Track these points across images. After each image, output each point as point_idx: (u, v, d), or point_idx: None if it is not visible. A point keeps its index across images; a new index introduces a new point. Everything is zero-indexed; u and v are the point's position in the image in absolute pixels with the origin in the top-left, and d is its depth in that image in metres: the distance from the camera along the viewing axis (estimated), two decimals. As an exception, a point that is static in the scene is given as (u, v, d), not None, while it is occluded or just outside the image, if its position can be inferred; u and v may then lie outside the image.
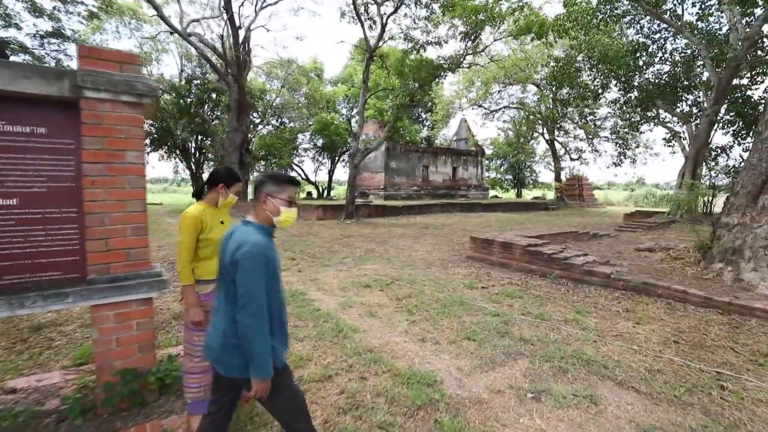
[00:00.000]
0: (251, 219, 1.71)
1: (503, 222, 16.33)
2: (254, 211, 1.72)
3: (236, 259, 1.53)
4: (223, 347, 1.62)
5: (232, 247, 1.59)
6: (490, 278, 6.27)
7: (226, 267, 1.61)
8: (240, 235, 1.61)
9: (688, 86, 13.66)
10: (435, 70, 16.17)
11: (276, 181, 1.71)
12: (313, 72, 34.91)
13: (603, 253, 7.61)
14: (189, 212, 2.27)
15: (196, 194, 2.42)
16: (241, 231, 1.65)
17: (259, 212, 1.70)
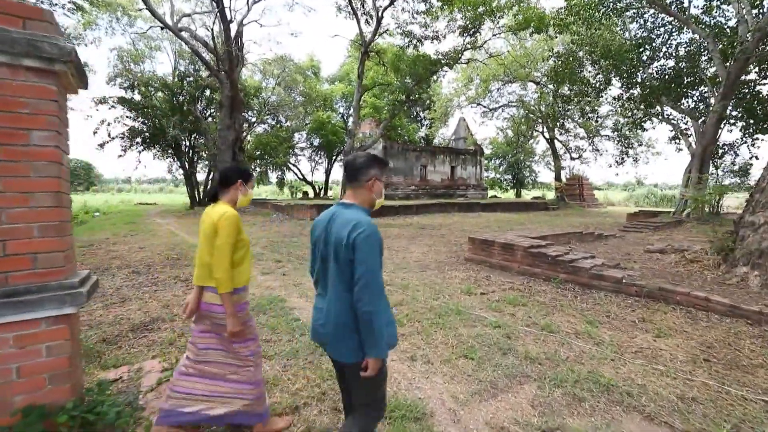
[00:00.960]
0: (350, 201, 1.71)
1: (503, 222, 15.83)
2: (354, 193, 1.72)
3: (354, 240, 1.54)
4: (336, 329, 1.62)
5: (341, 229, 1.59)
6: (489, 282, 5.77)
7: (335, 249, 1.60)
8: (348, 217, 1.61)
9: (693, 81, 13.18)
10: (432, 66, 15.73)
11: (381, 164, 1.75)
12: (310, 70, 34.40)
13: (610, 254, 7.12)
14: (230, 212, 2.02)
15: (212, 197, 2.16)
16: (346, 213, 1.65)
17: (362, 194, 1.71)
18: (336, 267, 1.61)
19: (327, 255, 1.66)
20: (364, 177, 1.70)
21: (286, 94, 28.98)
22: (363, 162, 1.72)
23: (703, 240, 9.33)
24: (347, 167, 1.74)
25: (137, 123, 22.53)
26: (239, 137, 20.34)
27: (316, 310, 1.75)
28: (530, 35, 19.10)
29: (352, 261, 1.55)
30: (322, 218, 1.74)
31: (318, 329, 1.71)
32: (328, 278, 1.67)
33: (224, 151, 19.53)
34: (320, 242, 1.70)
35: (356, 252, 1.53)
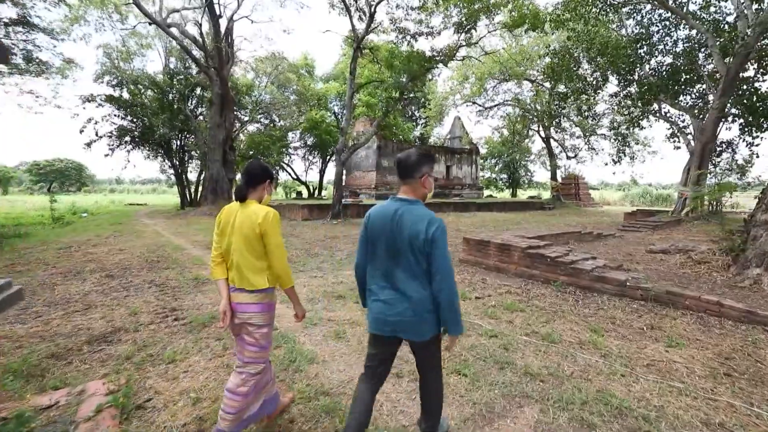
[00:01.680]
0: (409, 197, 1.80)
1: (499, 222, 15.54)
2: (410, 188, 1.80)
3: (432, 234, 1.67)
4: (417, 315, 1.74)
5: (416, 224, 1.69)
6: (485, 286, 5.43)
7: (410, 243, 1.70)
8: (419, 212, 1.73)
9: (691, 78, 12.93)
10: (427, 63, 15.38)
11: (430, 160, 1.83)
12: (304, 68, 33.98)
13: (611, 255, 6.81)
14: (272, 210, 2.01)
15: (243, 197, 2.05)
16: (414, 209, 1.75)
17: (417, 189, 1.81)
18: (413, 259, 1.71)
19: (399, 249, 1.73)
20: (418, 173, 1.78)
21: (280, 92, 28.55)
22: (416, 159, 1.78)
23: (705, 239, 9.07)
24: (401, 164, 1.81)
25: (126, 122, 22.03)
26: (230, 136, 19.89)
27: (382, 303, 1.80)
28: (525, 32, 18.81)
29: (428, 253, 1.68)
30: (381, 213, 1.81)
31: (389, 319, 1.78)
32: (399, 270, 1.75)
33: (214, 150, 19.08)
34: (385, 236, 1.77)
35: (435, 245, 1.67)
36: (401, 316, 1.75)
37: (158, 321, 3.95)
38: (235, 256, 1.96)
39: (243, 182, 2.07)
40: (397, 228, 1.73)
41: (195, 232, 11.83)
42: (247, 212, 1.97)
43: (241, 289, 1.96)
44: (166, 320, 3.98)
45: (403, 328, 1.77)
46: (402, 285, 1.75)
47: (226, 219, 2.02)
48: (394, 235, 1.74)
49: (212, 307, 4.39)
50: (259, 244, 1.95)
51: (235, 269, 1.96)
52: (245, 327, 1.99)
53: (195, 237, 10.80)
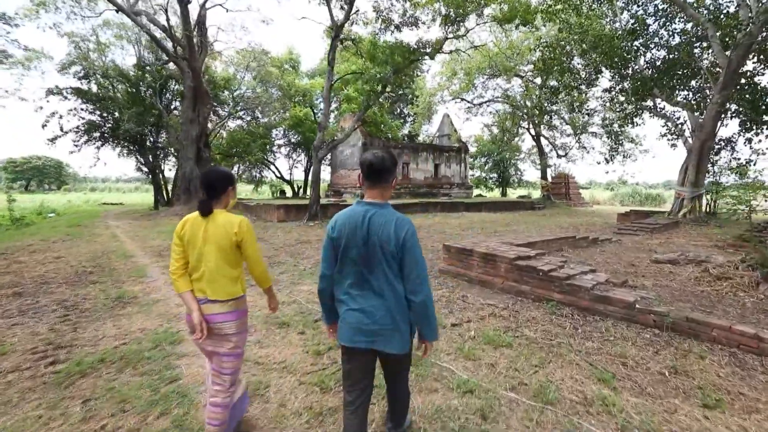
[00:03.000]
0: (378, 200, 1.74)
1: (487, 223, 14.71)
2: (381, 192, 1.75)
3: (404, 238, 1.64)
4: (393, 323, 1.67)
5: (386, 228, 1.65)
6: (465, 305, 4.53)
7: (382, 248, 1.65)
8: (389, 216, 1.69)
9: (688, 73, 12.24)
10: (411, 55, 14.47)
11: (396, 163, 1.79)
12: (289, 63, 32.84)
13: (611, 265, 5.98)
14: (244, 218, 2.01)
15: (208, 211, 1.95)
16: (384, 212, 1.70)
17: (386, 193, 1.77)
18: (387, 265, 1.65)
19: (371, 255, 1.67)
20: (391, 177, 1.75)
21: (262, 88, 27.38)
22: (390, 164, 1.74)
23: (709, 245, 8.32)
24: (373, 168, 1.72)
25: (95, 116, 20.70)
26: (204, 132, 18.73)
27: (359, 312, 1.71)
28: (516, 28, 18.04)
29: (401, 258, 1.65)
30: (349, 219, 1.72)
31: (363, 328, 1.70)
32: (373, 277, 1.68)
33: (187, 146, 17.91)
34: (355, 243, 1.69)
35: (407, 248, 1.64)
36: (380, 324, 1.68)
37: (26, 366, 2.96)
38: (207, 268, 1.93)
39: (204, 195, 1.99)
40: (367, 233, 1.67)
41: (155, 236, 10.75)
42: (220, 222, 1.95)
43: (214, 301, 1.94)
44: (39, 365, 2.99)
45: (382, 339, 1.70)
46: (379, 291, 1.69)
47: (192, 231, 1.94)
48: (365, 241, 1.68)
49: (114, 342, 3.41)
50: (234, 253, 1.96)
51: (206, 281, 1.93)
52: (221, 339, 1.97)
53: (152, 242, 9.74)
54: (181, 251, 1.96)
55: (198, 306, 1.92)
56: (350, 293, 1.73)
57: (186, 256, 1.95)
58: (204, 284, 1.92)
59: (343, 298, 1.75)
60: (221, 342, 1.97)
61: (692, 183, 11.77)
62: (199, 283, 1.93)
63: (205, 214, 1.95)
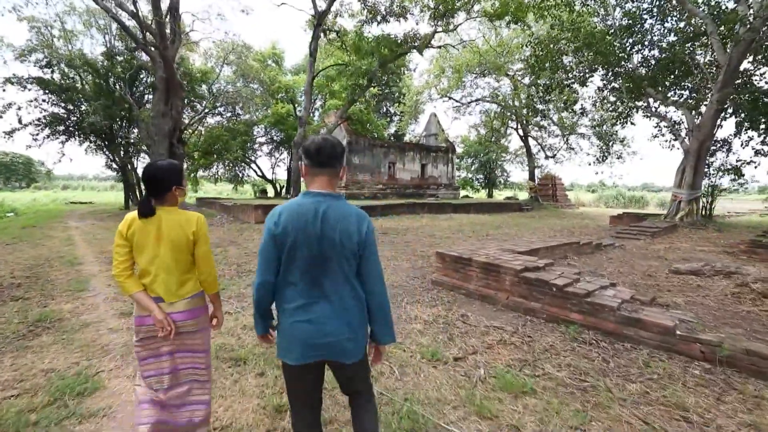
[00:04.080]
0: (326, 191, 1.52)
1: (477, 225, 14.07)
2: (328, 181, 1.54)
3: (365, 233, 1.50)
4: (351, 331, 1.50)
5: (346, 223, 1.47)
6: (467, 329, 3.77)
7: (341, 245, 1.46)
8: (347, 209, 1.51)
9: (686, 70, 11.85)
10: (399, 47, 13.72)
11: (344, 151, 1.63)
12: (272, 58, 31.72)
13: (627, 276, 5.32)
14: (201, 216, 1.91)
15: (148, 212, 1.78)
16: (340, 205, 1.51)
17: (334, 182, 1.57)
18: (346, 264, 1.48)
19: (327, 254, 1.46)
20: (340, 164, 1.57)
21: (243, 83, 26.19)
22: (342, 149, 1.56)
23: (717, 250, 7.81)
24: (323, 151, 1.51)
25: (59, 108, 19.22)
26: (178, 126, 17.51)
27: (308, 324, 1.48)
28: (507, 25, 17.52)
29: (361, 255, 1.50)
30: (298, 214, 1.47)
31: (316, 342, 1.47)
32: (328, 279, 1.48)
33: (159, 142, 16.68)
34: (307, 241, 1.45)
35: (368, 245, 1.51)
36: (335, 335, 1.47)
37: None
38: (161, 268, 1.81)
39: (146, 193, 1.84)
40: (322, 229, 1.45)
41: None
42: (176, 220, 1.82)
43: (172, 303, 1.83)
44: None
45: (337, 350, 1.49)
46: (334, 296, 1.48)
47: (142, 230, 1.78)
48: (320, 239, 1.45)
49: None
50: (190, 252, 1.87)
51: (160, 283, 1.82)
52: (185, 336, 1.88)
53: (110, 246, 8.66)
54: (126, 252, 1.80)
55: (155, 305, 1.79)
56: (300, 301, 1.49)
57: (131, 257, 1.81)
58: (158, 286, 1.81)
59: (287, 308, 1.51)
60: (185, 339, 1.88)
61: (689, 185, 11.37)
62: (152, 286, 1.81)
63: (145, 215, 1.78)
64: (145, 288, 1.82)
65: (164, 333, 1.78)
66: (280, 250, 1.47)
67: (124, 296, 4.60)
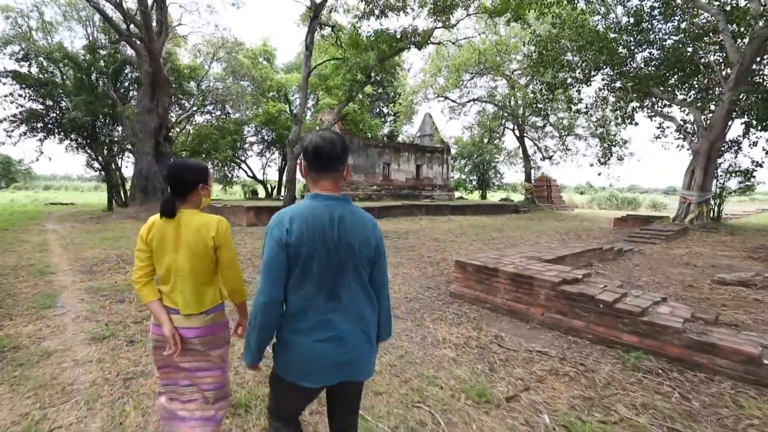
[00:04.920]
0: (336, 194, 1.39)
1: (478, 228, 13.60)
2: (334, 183, 1.40)
3: (379, 241, 1.44)
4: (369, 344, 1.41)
5: (362, 229, 1.38)
6: (506, 356, 3.21)
7: (360, 253, 1.36)
8: (360, 215, 1.41)
9: (692, 68, 11.55)
10: (398, 42, 13.19)
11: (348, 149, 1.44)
12: (263, 56, 30.90)
13: (664, 287, 4.85)
14: (222, 220, 1.75)
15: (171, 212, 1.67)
16: (352, 210, 1.40)
17: (339, 185, 1.44)
18: (363, 271, 1.39)
19: (344, 263, 1.35)
20: (343, 165, 1.41)
21: (234, 81, 25.37)
22: (343, 146, 1.39)
23: (740, 255, 7.42)
24: (323, 152, 1.35)
25: (37, 104, 18.22)
26: (165, 124, 16.71)
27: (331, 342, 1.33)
28: (507, 23, 17.14)
29: (374, 262, 1.43)
30: (313, 219, 1.32)
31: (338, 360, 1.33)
32: (344, 290, 1.36)
33: (144, 140, 15.88)
34: (325, 250, 1.31)
35: (381, 251, 1.44)
36: (357, 350, 1.36)
37: None
38: (179, 277, 1.69)
39: (169, 192, 1.73)
40: (340, 236, 1.33)
41: (96, 244, 8.89)
42: (194, 225, 1.69)
43: (188, 315, 1.70)
44: None
45: (359, 365, 1.38)
46: (352, 306, 1.36)
47: (160, 235, 1.68)
48: (337, 246, 1.33)
49: None
50: (211, 260, 1.73)
51: (179, 292, 1.70)
52: (198, 354, 1.74)
53: (89, 252, 7.92)
54: (146, 258, 1.72)
55: (168, 317, 1.68)
56: (316, 318, 1.32)
57: (152, 263, 1.72)
58: (176, 295, 1.69)
59: (302, 327, 1.32)
60: (197, 357, 1.74)
61: (699, 187, 11.05)
62: (171, 295, 1.70)
63: (168, 215, 1.67)
64: (161, 297, 1.72)
65: (169, 351, 1.66)
66: (294, 261, 1.30)
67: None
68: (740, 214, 21.83)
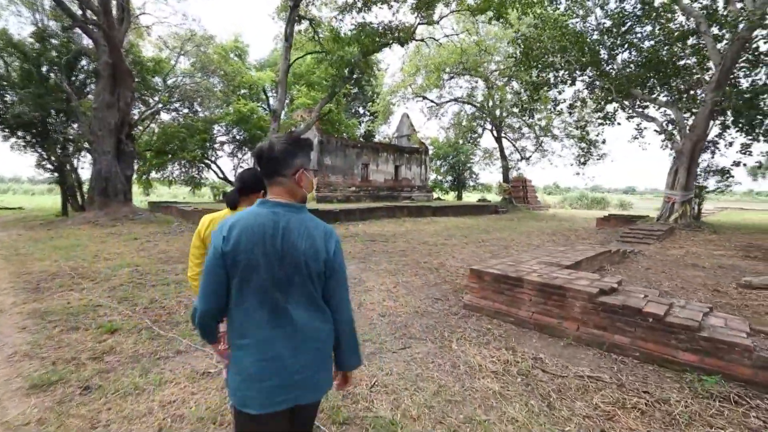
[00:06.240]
0: (285, 200, 1.30)
1: (464, 230, 13.29)
2: (283, 189, 1.31)
3: (334, 251, 1.31)
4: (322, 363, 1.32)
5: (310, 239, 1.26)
6: (558, 385, 2.72)
7: (306, 265, 1.25)
8: (310, 224, 1.30)
9: (674, 70, 11.73)
10: (381, 37, 12.67)
11: (305, 149, 1.36)
12: (234, 52, 29.56)
13: (690, 291, 4.56)
14: None
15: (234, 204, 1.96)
16: (302, 218, 1.30)
17: (294, 191, 1.33)
18: (312, 287, 1.27)
19: (290, 275, 1.24)
20: (288, 168, 1.30)
21: (203, 77, 24.00)
22: (283, 148, 1.29)
23: (736, 255, 7.37)
24: (262, 158, 1.30)
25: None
26: (127, 121, 15.38)
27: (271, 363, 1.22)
28: (489, 21, 17.00)
29: (328, 277, 1.30)
30: (254, 227, 1.23)
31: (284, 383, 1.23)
32: (292, 306, 1.25)
33: (104, 137, 14.53)
34: (266, 261, 1.22)
35: (337, 265, 1.31)
36: (307, 372, 1.26)
37: None
38: None
39: (236, 189, 1.97)
40: (283, 246, 1.23)
41: (46, 254, 7.75)
42: None
43: None
44: None
45: (310, 386, 1.28)
46: (301, 323, 1.25)
47: None
48: (281, 258, 1.23)
49: None
50: None
51: None
52: None
53: (36, 264, 6.84)
54: (201, 255, 1.80)
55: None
56: (257, 335, 1.22)
57: None
58: None
59: (243, 343, 1.23)
60: None
61: (683, 186, 11.19)
62: None
63: (231, 206, 1.93)
64: None
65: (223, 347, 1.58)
66: (232, 272, 1.22)
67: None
68: (704, 212, 22.83)
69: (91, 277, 5.42)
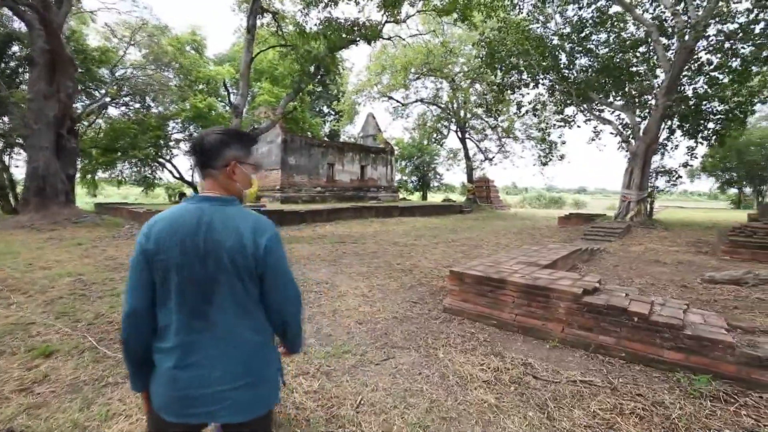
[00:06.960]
0: (215, 194, 1.20)
1: (433, 230, 13.30)
2: (214, 183, 1.22)
3: (266, 246, 1.16)
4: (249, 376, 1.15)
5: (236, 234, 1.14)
6: (553, 392, 2.60)
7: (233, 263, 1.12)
8: (237, 216, 1.18)
9: (628, 76, 12.40)
10: (348, 34, 12.38)
11: (243, 141, 1.25)
12: (191, 45, 28.01)
13: (660, 288, 4.66)
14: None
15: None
16: (230, 211, 1.18)
17: (227, 185, 1.23)
18: (241, 287, 1.15)
19: (213, 275, 1.13)
20: (219, 161, 1.20)
21: (156, 70, 22.50)
22: (215, 141, 1.20)
23: (689, 250, 7.80)
24: (195, 149, 1.22)
25: None
26: (68, 114, 14.03)
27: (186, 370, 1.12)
28: (454, 23, 17.17)
29: (262, 274, 1.18)
30: (175, 224, 1.14)
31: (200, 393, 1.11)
32: (214, 309, 1.14)
33: (41, 132, 13.15)
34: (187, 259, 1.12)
35: (272, 261, 1.18)
36: (225, 383, 1.12)
37: None
38: None
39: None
40: (206, 244, 1.12)
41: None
42: None
43: None
44: None
45: (229, 405, 1.12)
46: (225, 330, 1.14)
47: None
48: (204, 256, 1.12)
49: None
50: None
51: None
52: None
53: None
54: None
55: None
56: (174, 339, 1.13)
57: None
58: None
59: (161, 347, 1.15)
60: None
61: (638, 186, 11.83)
62: None
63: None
64: None
65: None
66: (153, 270, 1.14)
67: None
68: (658, 209, 24.48)
69: (23, 290, 4.73)
